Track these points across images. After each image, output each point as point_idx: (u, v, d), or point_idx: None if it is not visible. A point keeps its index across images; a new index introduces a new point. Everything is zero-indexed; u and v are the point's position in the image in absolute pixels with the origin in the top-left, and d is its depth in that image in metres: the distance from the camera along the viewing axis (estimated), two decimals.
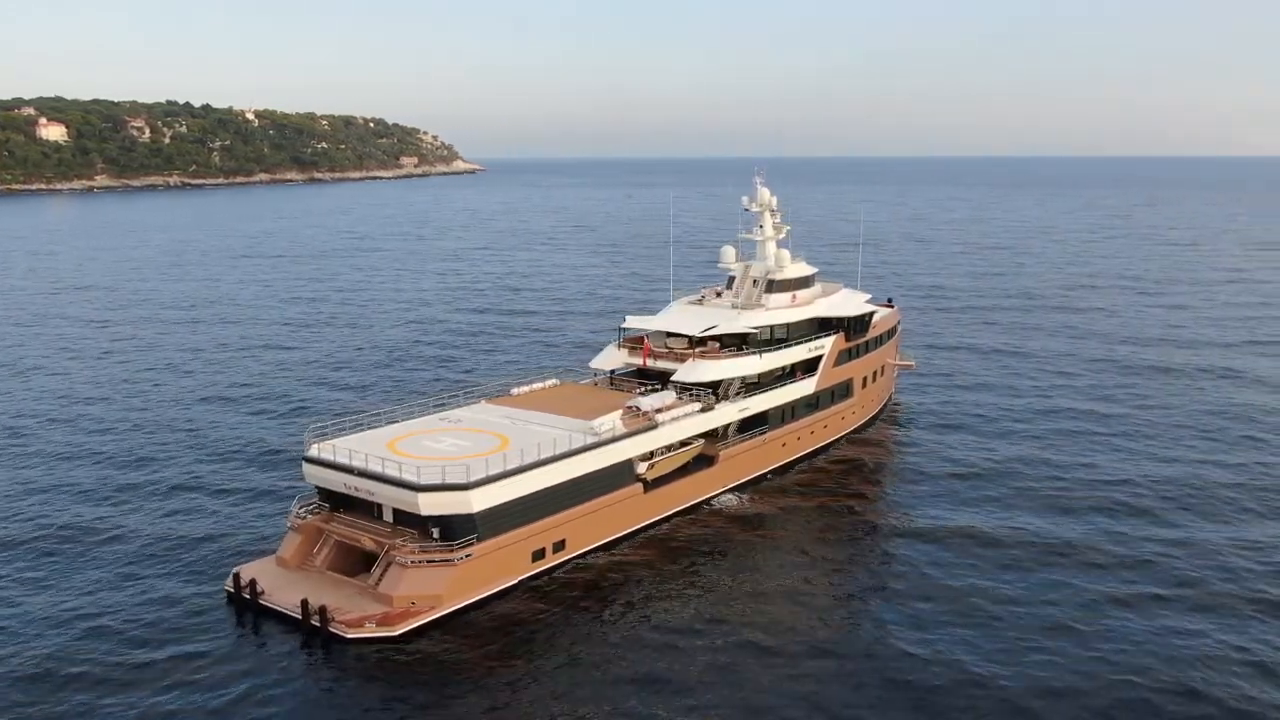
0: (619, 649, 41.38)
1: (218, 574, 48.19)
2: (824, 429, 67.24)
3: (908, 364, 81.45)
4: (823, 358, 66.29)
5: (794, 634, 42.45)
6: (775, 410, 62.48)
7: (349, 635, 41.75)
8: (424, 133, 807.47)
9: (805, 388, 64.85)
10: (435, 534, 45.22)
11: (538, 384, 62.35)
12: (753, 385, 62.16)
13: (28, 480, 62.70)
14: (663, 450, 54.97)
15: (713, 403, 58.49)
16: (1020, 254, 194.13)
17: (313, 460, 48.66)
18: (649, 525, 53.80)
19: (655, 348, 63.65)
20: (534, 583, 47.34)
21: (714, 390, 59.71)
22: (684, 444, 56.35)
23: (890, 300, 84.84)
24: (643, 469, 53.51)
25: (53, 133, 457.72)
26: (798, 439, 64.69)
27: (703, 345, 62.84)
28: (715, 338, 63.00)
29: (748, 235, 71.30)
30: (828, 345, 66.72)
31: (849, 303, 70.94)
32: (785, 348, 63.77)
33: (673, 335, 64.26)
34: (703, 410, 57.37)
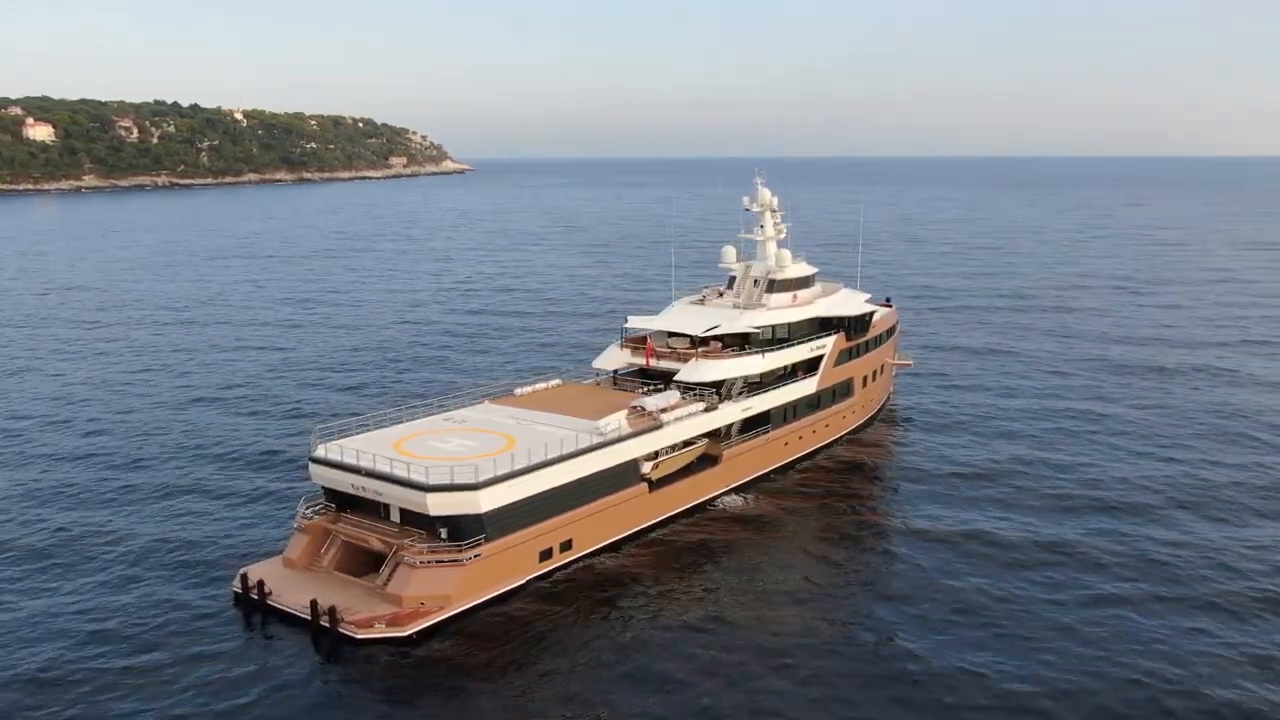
0: (627, 650, 41.41)
1: (223, 575, 48.05)
2: (825, 428, 67.46)
3: (906, 363, 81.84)
4: (824, 357, 66.49)
5: (800, 636, 42.51)
6: (777, 410, 62.64)
7: (359, 635, 41.69)
8: (413, 133, 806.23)
9: (807, 387, 65.03)
10: (443, 534, 45.20)
11: (541, 384, 62.43)
12: (755, 385, 62.29)
13: (27, 483, 62.35)
14: (667, 450, 55.07)
15: (716, 402, 58.61)
16: (1010, 254, 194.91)
17: (319, 461, 48.58)
18: (654, 525, 53.91)
19: (657, 347, 63.76)
20: (541, 583, 47.40)
21: (717, 390, 59.84)
22: (688, 444, 56.48)
23: (888, 300, 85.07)
24: (648, 469, 53.60)
25: (40, 133, 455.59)
26: (799, 438, 64.88)
27: (705, 345, 62.95)
28: (717, 337, 63.13)
29: (748, 235, 71.46)
30: (829, 345, 66.93)
31: (849, 302, 71.17)
32: (787, 347, 63.94)
33: (674, 335, 64.37)
34: (707, 410, 57.49)
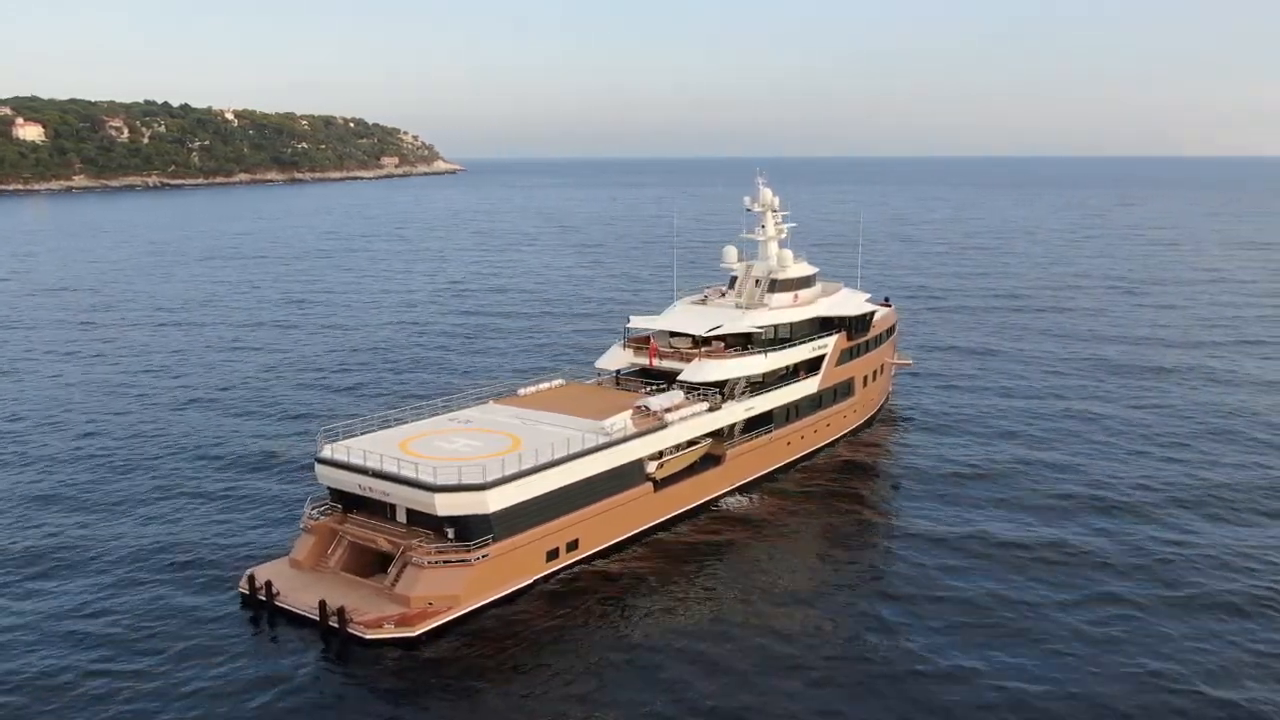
0: (634, 651, 41.42)
1: (229, 577, 47.91)
2: (826, 427, 67.62)
3: (905, 363, 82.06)
4: (825, 357, 66.66)
5: (806, 636, 42.47)
6: (780, 409, 62.77)
7: (368, 636, 41.65)
8: (404, 133, 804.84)
9: (809, 387, 65.17)
10: (450, 534, 45.20)
11: (544, 384, 62.44)
12: (757, 384, 62.41)
13: (26, 486, 62.04)
14: (672, 450, 55.13)
15: (719, 402, 58.69)
16: (1004, 254, 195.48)
17: (326, 461, 48.51)
18: (659, 525, 53.96)
19: (660, 347, 63.82)
20: (548, 583, 47.43)
21: (720, 390, 59.91)
22: (692, 443, 56.54)
23: (887, 299, 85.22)
24: (652, 468, 53.66)
25: (30, 132, 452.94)
26: (801, 438, 65.02)
27: (707, 345, 63.04)
28: (719, 337, 63.23)
29: (749, 235, 71.58)
30: (830, 345, 67.08)
31: (849, 302, 71.33)
32: (789, 347, 64.07)
33: (677, 335, 64.46)
34: (710, 410, 57.58)
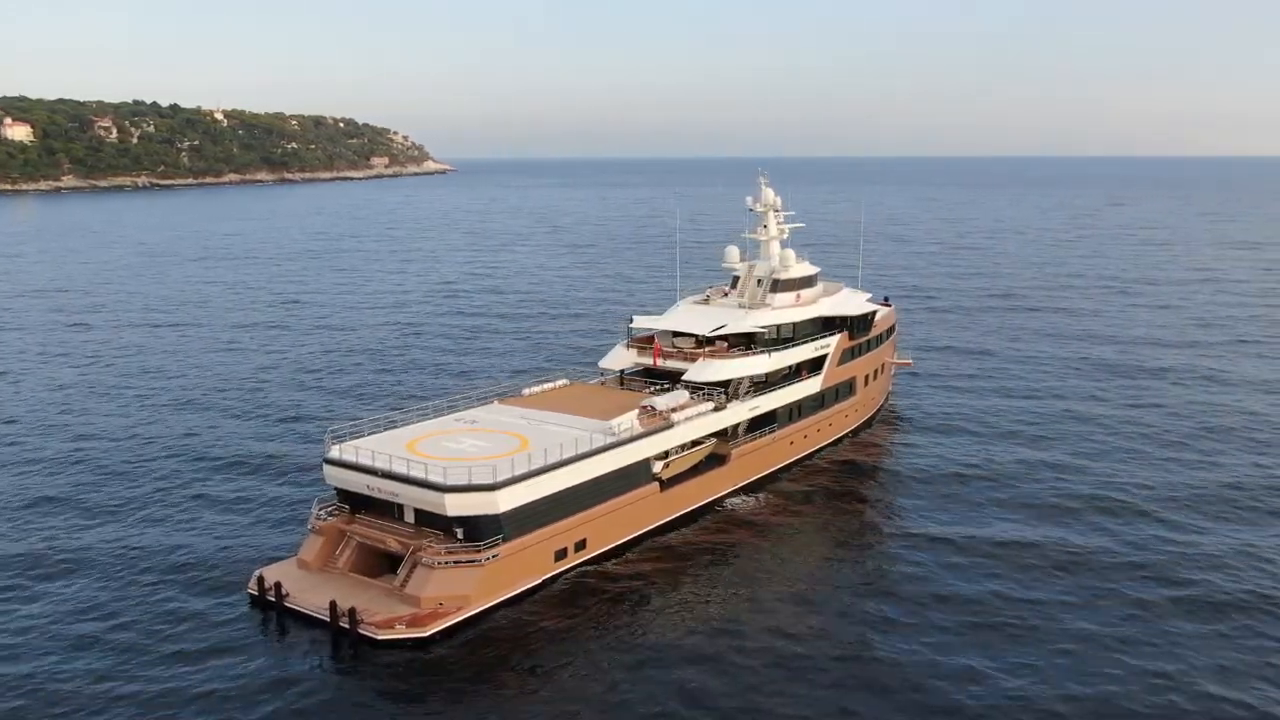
0: (642, 651, 41.39)
1: (234, 578, 47.78)
2: (829, 427, 67.76)
3: (905, 363, 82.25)
4: (827, 357, 66.79)
5: (813, 638, 42.45)
6: (783, 409, 62.88)
7: (379, 637, 41.57)
8: (394, 133, 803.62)
9: (811, 386, 65.30)
10: (459, 534, 45.14)
11: (548, 384, 62.40)
12: (760, 384, 62.50)
13: (29, 489, 61.68)
14: (677, 449, 55.17)
15: (724, 402, 58.76)
16: (998, 254, 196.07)
17: (334, 462, 48.40)
18: (665, 526, 53.98)
19: (663, 347, 63.85)
20: (556, 583, 47.42)
21: (724, 389, 59.98)
22: (697, 443, 56.58)
23: (886, 299, 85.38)
24: (658, 468, 53.71)
25: (18, 133, 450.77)
26: (804, 437, 65.15)
27: (710, 345, 63.10)
28: (723, 337, 63.30)
29: (751, 235, 71.69)
30: (832, 344, 67.21)
31: (851, 302, 71.50)
32: (792, 347, 64.19)
33: (680, 335, 64.52)
34: (715, 410, 57.64)
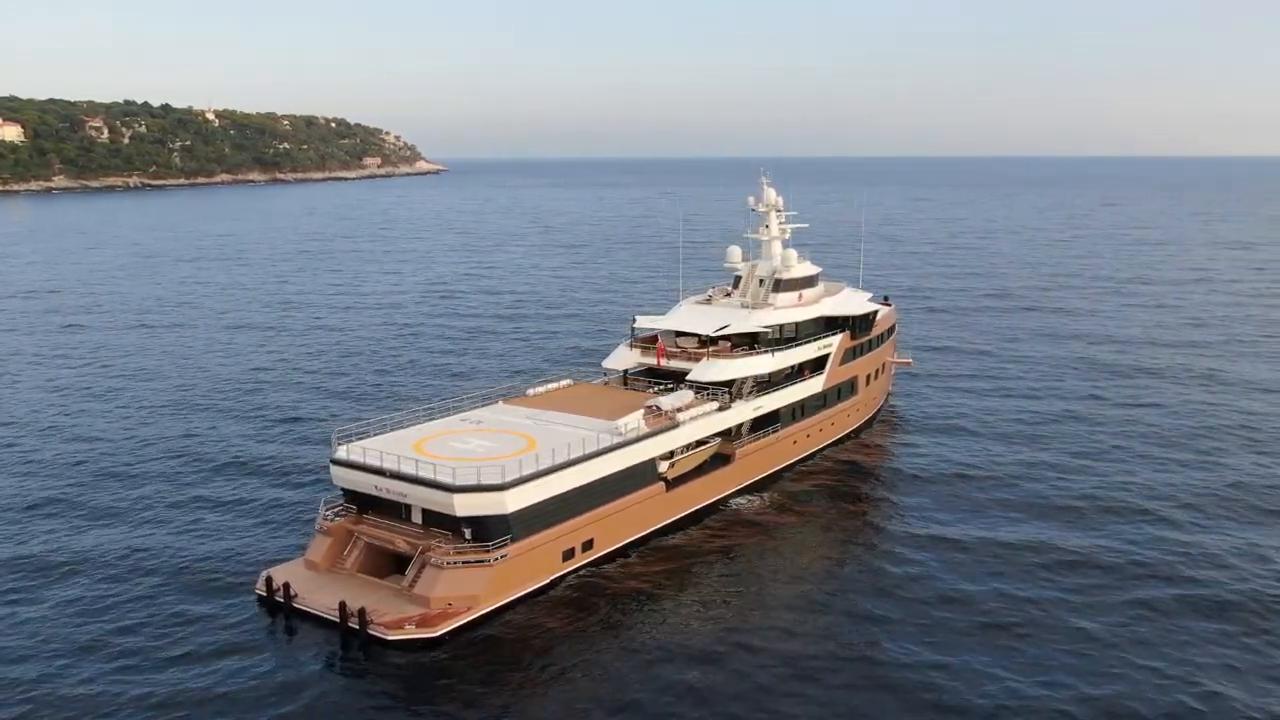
0: (649, 652, 41.33)
1: (241, 580, 47.67)
2: (831, 426, 67.91)
3: (905, 362, 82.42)
4: (830, 356, 66.93)
5: (819, 639, 42.44)
6: (786, 409, 63.00)
7: (389, 637, 41.54)
8: (386, 133, 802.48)
9: (814, 386, 65.44)
10: (468, 535, 45.13)
11: (552, 384, 62.45)
12: (763, 384, 62.61)
13: (30, 492, 61.36)
14: (683, 449, 55.24)
15: (728, 402, 58.84)
16: (994, 254, 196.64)
17: (341, 462, 48.33)
18: (671, 525, 54.04)
19: (666, 347, 63.91)
20: (564, 583, 47.43)
21: (728, 389, 60.06)
22: (701, 443, 56.67)
23: (887, 299, 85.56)
24: (664, 468, 53.76)
25: (9, 133, 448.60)
26: (807, 436, 65.28)
27: (714, 344, 63.18)
28: (726, 337, 63.39)
29: (753, 234, 71.80)
30: (835, 344, 67.34)
31: (853, 301, 71.66)
32: (795, 346, 64.30)
33: (683, 334, 64.59)
34: (720, 409, 57.72)
